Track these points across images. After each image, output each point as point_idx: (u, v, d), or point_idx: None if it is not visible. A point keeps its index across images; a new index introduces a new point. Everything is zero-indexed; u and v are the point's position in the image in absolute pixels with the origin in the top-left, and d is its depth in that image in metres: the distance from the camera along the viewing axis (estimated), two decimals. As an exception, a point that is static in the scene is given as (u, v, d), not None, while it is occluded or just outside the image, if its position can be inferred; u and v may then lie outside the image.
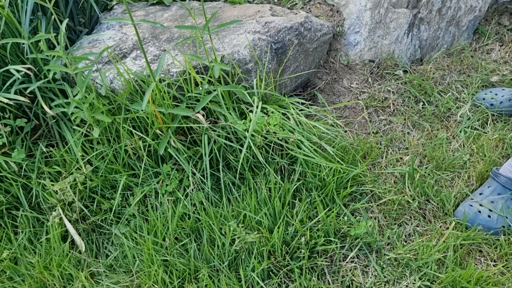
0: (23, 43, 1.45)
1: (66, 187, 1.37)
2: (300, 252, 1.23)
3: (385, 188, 1.40)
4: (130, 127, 1.38)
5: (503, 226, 1.26)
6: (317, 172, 1.35)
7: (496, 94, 1.63)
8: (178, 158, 1.37)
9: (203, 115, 1.35)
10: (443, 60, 1.87)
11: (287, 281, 1.22)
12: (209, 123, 1.40)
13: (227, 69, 1.36)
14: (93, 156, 1.40)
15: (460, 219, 1.28)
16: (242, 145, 1.36)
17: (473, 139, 1.52)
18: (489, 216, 1.26)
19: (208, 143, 1.38)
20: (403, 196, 1.37)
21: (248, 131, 1.31)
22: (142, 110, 1.36)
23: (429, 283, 1.18)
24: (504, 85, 1.73)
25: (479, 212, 1.26)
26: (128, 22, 1.17)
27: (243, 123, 1.33)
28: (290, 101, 1.48)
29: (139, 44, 1.21)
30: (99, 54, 1.35)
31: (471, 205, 1.29)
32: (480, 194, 1.31)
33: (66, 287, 1.29)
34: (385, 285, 1.19)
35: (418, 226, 1.32)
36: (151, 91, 1.27)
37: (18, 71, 1.38)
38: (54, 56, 1.38)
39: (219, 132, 1.38)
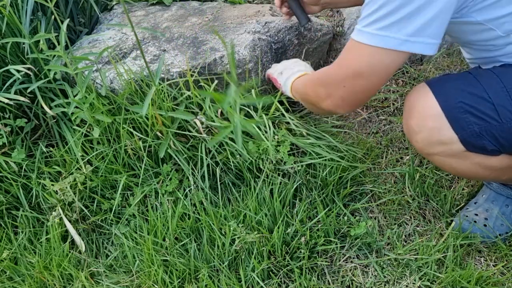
0: (23, 43, 1.45)
1: (66, 187, 1.37)
2: (300, 252, 1.23)
3: (385, 188, 1.40)
4: (130, 127, 1.38)
5: (500, 234, 1.25)
6: (317, 173, 1.35)
7: None
8: (178, 159, 1.37)
9: (201, 123, 1.34)
10: (443, 60, 1.87)
11: (287, 281, 1.22)
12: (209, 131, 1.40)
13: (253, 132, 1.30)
14: (93, 156, 1.40)
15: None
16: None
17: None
18: (484, 225, 1.25)
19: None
20: (403, 196, 1.37)
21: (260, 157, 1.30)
22: (143, 115, 1.36)
23: (429, 283, 1.18)
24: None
25: (475, 222, 1.25)
26: (128, 23, 1.17)
27: (256, 147, 1.32)
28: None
29: (139, 46, 1.21)
30: (99, 54, 1.35)
31: (467, 215, 1.28)
32: (475, 203, 1.30)
33: (66, 287, 1.29)
34: (385, 285, 1.19)
35: (418, 226, 1.32)
36: (151, 96, 1.27)
37: (18, 71, 1.38)
38: (54, 56, 1.38)
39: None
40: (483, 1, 0.92)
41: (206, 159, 1.36)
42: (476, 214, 1.27)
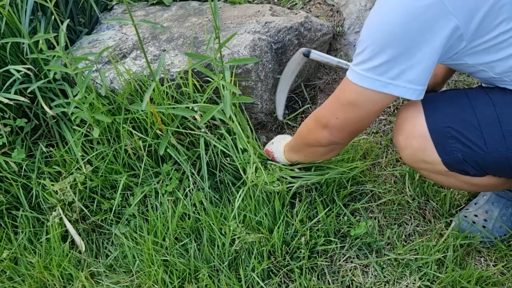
0: (23, 43, 1.45)
1: (66, 187, 1.37)
2: (300, 252, 1.23)
3: (385, 188, 1.40)
4: (130, 127, 1.38)
5: (499, 236, 1.25)
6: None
7: None
8: (178, 158, 1.37)
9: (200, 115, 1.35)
10: (443, 60, 1.88)
11: (287, 281, 1.22)
12: (208, 127, 1.40)
13: (236, 92, 1.29)
14: (93, 156, 1.40)
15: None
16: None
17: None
18: (484, 227, 1.26)
19: (207, 145, 1.39)
20: (403, 196, 1.37)
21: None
22: (142, 111, 1.36)
23: (429, 283, 1.18)
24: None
25: (474, 222, 1.25)
26: (128, 22, 1.17)
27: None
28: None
29: (139, 44, 1.21)
30: (99, 54, 1.35)
31: (466, 216, 1.28)
32: (475, 204, 1.31)
33: (66, 287, 1.29)
34: (385, 285, 1.19)
35: (418, 226, 1.32)
36: (151, 91, 1.27)
37: (18, 71, 1.38)
38: (54, 56, 1.38)
39: (217, 137, 1.38)
40: (473, 48, 0.92)
41: (205, 156, 1.36)
42: (476, 215, 1.27)
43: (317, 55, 1.38)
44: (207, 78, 1.43)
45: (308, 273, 1.21)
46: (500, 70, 0.94)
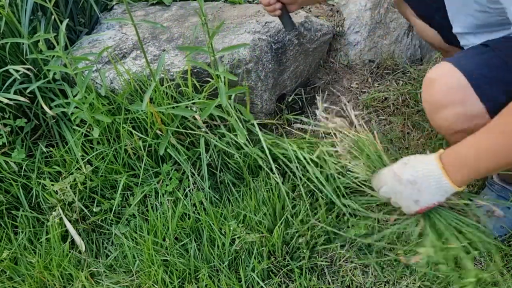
0: (23, 43, 1.45)
1: (66, 187, 1.37)
2: (300, 252, 1.23)
3: (385, 188, 1.39)
4: (130, 127, 1.38)
5: (500, 236, 1.25)
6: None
7: None
8: (178, 158, 1.37)
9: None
10: (442, 60, 1.87)
11: (287, 281, 1.22)
12: (208, 126, 1.40)
13: (233, 78, 1.29)
14: (93, 156, 1.40)
15: None
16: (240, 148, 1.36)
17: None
18: (484, 226, 1.25)
19: (208, 144, 1.39)
20: (403, 196, 1.37)
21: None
22: (142, 111, 1.36)
23: (429, 283, 1.18)
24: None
25: None
26: (128, 22, 1.17)
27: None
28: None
29: (139, 44, 1.21)
30: (99, 54, 1.35)
31: None
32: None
33: (66, 287, 1.29)
34: (385, 285, 1.19)
35: (418, 226, 1.32)
36: (151, 91, 1.27)
37: (17, 71, 1.38)
38: (53, 56, 1.38)
39: (217, 137, 1.38)
40: None
41: (206, 156, 1.36)
42: None
43: None
44: (207, 79, 1.43)
45: (308, 273, 1.21)
46: None
